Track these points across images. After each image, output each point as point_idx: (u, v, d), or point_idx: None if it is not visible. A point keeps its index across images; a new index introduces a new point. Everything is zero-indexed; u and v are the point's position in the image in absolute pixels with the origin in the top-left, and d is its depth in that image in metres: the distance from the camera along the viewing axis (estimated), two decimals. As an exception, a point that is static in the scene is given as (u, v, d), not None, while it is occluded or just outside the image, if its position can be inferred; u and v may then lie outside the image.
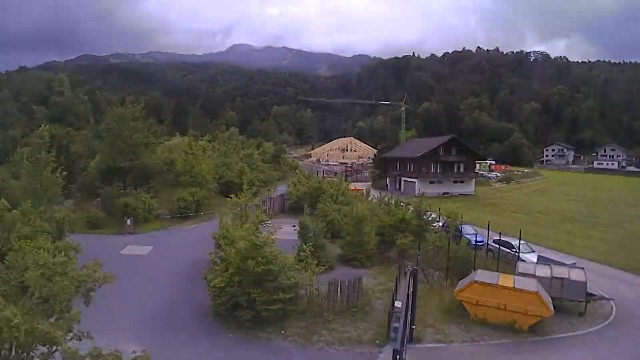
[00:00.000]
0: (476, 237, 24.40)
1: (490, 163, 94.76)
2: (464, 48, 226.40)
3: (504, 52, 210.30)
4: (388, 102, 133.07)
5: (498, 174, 79.91)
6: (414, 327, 14.07)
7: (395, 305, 13.67)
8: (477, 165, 72.41)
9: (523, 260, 19.79)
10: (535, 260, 20.06)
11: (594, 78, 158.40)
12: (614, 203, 49.20)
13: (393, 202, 26.67)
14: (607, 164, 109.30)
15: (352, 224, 22.70)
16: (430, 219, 24.86)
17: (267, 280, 14.45)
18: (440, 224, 26.23)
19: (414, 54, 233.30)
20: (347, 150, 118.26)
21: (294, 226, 25.45)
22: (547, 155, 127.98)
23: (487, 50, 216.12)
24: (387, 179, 62.85)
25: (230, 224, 19.47)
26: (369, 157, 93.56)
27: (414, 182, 54.21)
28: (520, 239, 21.71)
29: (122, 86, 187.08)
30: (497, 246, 22.69)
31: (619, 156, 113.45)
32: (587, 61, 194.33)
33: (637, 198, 52.63)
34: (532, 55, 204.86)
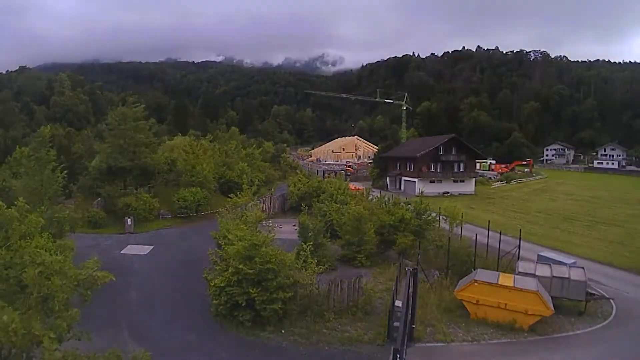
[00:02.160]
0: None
1: (490, 162, 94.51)
2: (463, 47, 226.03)
3: (504, 52, 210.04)
4: (390, 101, 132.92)
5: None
6: (414, 326, 14.08)
7: (395, 304, 13.66)
8: (477, 164, 72.31)
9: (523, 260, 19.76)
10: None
11: (594, 77, 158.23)
12: (614, 202, 49.13)
13: (392, 202, 26.64)
14: (607, 163, 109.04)
15: (352, 223, 22.71)
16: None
17: (266, 279, 14.45)
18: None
19: (414, 53, 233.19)
20: (347, 150, 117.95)
21: (294, 225, 25.48)
22: (547, 155, 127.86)
23: (487, 49, 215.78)
24: (387, 178, 62.81)
25: (230, 224, 19.44)
26: (370, 157, 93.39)
27: (414, 181, 54.23)
28: (520, 239, 21.69)
29: (122, 86, 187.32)
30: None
31: (619, 155, 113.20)
32: (586, 60, 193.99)
33: (637, 197, 52.55)
34: (532, 54, 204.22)
